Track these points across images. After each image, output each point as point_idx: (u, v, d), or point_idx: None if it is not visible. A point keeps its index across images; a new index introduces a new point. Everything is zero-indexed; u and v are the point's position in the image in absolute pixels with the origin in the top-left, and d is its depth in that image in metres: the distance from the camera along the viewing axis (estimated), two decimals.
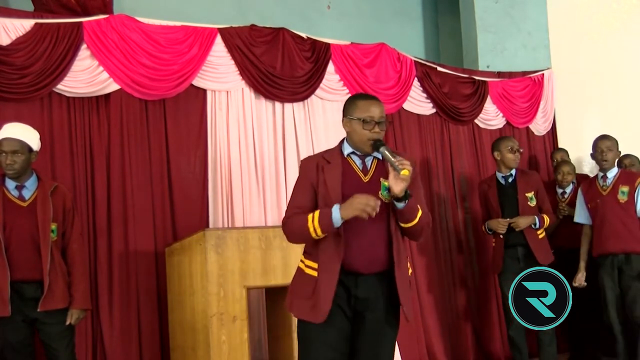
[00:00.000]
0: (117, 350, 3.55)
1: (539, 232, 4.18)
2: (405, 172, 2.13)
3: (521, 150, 4.33)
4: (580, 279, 4.11)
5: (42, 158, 3.37)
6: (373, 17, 5.73)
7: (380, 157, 2.33)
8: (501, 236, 4.21)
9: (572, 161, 5.22)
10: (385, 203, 2.26)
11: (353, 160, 2.36)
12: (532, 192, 4.23)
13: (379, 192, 2.26)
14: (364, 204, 2.13)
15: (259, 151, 4.13)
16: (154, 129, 3.88)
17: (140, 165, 3.78)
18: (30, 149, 3.06)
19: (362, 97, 2.43)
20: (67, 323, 3.05)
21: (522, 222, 4.13)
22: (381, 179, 2.29)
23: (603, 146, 4.13)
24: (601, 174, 4.19)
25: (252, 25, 4.24)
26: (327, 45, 4.50)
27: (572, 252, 4.28)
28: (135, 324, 3.64)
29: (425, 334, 4.63)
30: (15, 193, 3.04)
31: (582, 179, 4.71)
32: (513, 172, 4.30)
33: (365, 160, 2.36)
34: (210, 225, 3.90)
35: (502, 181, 4.32)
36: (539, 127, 5.59)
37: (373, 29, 5.53)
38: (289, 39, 4.35)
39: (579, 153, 5.42)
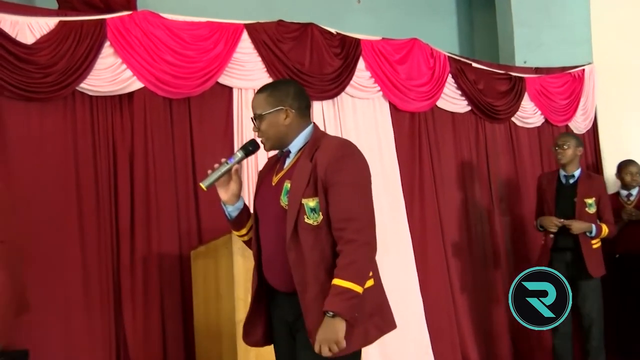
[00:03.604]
0: (141, 356, 3.46)
1: (593, 241, 3.93)
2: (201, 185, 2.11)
3: (565, 147, 4.05)
4: None
5: (64, 157, 3.33)
6: (404, 12, 5.59)
7: (291, 156, 2.12)
8: (551, 236, 3.97)
9: (613, 162, 5.03)
10: (284, 210, 1.99)
11: (280, 161, 2.17)
12: (593, 199, 3.97)
13: (280, 197, 2.01)
14: None
15: None
16: (179, 129, 3.77)
17: (165, 166, 3.68)
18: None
19: None
20: None
21: (577, 225, 3.89)
22: (285, 181, 2.03)
23: None
24: None
25: (280, 21, 4.13)
26: (357, 40, 4.36)
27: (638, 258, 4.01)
28: (159, 329, 3.54)
29: (460, 341, 4.49)
30: None
31: None
32: (577, 172, 4.07)
33: (287, 160, 2.12)
34: None
35: (563, 180, 4.09)
36: (579, 125, 5.40)
37: (405, 24, 5.38)
38: (318, 34, 4.22)
39: (621, 152, 5.20)
